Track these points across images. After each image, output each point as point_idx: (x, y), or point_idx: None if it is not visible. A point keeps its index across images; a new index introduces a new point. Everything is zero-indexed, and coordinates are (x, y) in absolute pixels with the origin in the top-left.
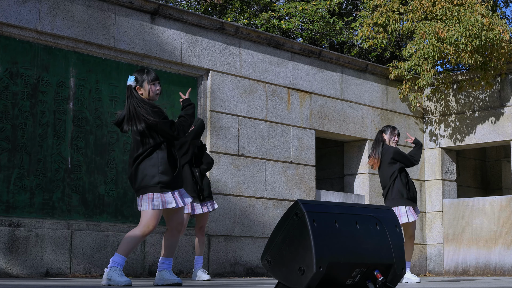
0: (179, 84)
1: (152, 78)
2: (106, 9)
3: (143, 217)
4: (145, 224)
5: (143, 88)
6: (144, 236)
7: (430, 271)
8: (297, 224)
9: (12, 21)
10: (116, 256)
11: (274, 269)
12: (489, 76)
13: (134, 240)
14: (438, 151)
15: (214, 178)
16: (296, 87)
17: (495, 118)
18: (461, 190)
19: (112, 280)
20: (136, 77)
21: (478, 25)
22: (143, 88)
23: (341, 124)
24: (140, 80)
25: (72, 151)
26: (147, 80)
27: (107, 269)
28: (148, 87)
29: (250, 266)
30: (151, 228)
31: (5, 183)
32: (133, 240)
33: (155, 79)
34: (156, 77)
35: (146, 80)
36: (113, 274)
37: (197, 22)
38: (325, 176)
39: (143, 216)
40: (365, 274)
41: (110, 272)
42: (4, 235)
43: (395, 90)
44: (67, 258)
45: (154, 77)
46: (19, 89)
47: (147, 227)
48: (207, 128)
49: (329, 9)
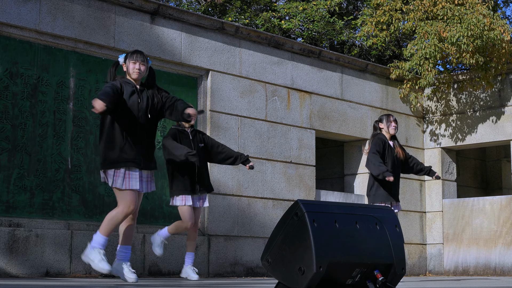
0: (179, 84)
1: (134, 57)
2: (106, 9)
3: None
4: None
5: (125, 65)
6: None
7: (430, 271)
8: (297, 224)
9: (12, 21)
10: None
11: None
12: (489, 76)
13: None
14: (438, 151)
15: (214, 178)
16: (296, 87)
17: (495, 118)
18: (461, 190)
19: (94, 263)
20: (125, 56)
21: (479, 25)
22: (125, 65)
23: (341, 124)
24: (126, 58)
25: (72, 151)
26: (129, 58)
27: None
28: (127, 64)
29: (250, 266)
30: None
31: (5, 183)
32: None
33: (137, 58)
34: (139, 57)
35: (129, 58)
36: (96, 256)
37: (197, 22)
38: (325, 176)
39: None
40: (365, 274)
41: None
42: (4, 235)
43: (395, 90)
44: (67, 258)
45: (136, 56)
46: (19, 89)
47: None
48: (207, 128)
49: (329, 9)
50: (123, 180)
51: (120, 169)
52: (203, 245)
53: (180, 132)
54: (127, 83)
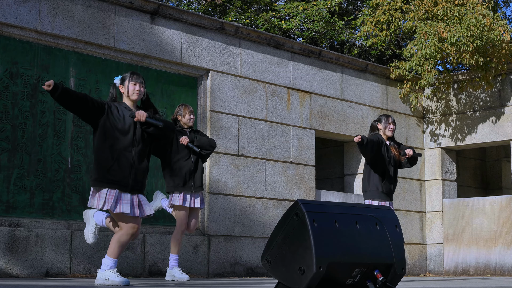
0: (179, 84)
1: (134, 78)
2: (106, 9)
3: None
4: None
5: (123, 86)
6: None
7: (430, 271)
8: (297, 224)
9: (12, 21)
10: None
11: (274, 269)
12: (489, 76)
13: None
14: (438, 151)
15: (214, 178)
16: (296, 87)
17: (495, 118)
18: (461, 190)
19: (110, 280)
20: (122, 77)
21: (479, 26)
22: (123, 86)
23: (341, 124)
24: (123, 79)
25: (72, 151)
26: (128, 79)
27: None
28: (127, 85)
29: (250, 266)
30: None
31: (5, 183)
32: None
33: (137, 80)
34: (139, 78)
35: (128, 79)
36: (111, 274)
37: (197, 22)
38: (325, 176)
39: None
40: (365, 274)
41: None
42: (4, 235)
43: (395, 90)
44: (67, 258)
45: (136, 77)
46: (19, 89)
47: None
48: (207, 128)
49: (329, 9)
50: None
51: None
52: (203, 245)
53: (179, 132)
54: (124, 108)
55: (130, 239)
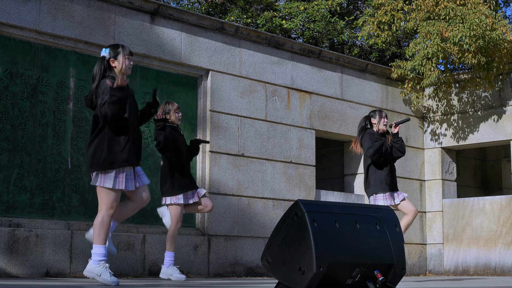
0: (179, 84)
1: (128, 53)
2: (106, 9)
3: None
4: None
5: (117, 61)
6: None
7: (430, 271)
8: (297, 224)
9: (12, 21)
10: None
11: (274, 269)
12: (491, 76)
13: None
14: (438, 151)
15: (214, 178)
16: (296, 87)
17: (495, 117)
18: (461, 190)
19: (101, 277)
20: (110, 50)
21: (482, 25)
22: (117, 61)
23: (341, 124)
24: (114, 53)
25: (72, 151)
26: (122, 54)
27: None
28: (123, 60)
29: (250, 266)
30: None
31: (5, 183)
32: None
33: (130, 54)
34: (130, 52)
35: (122, 54)
36: (103, 270)
37: (197, 22)
38: (325, 176)
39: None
40: (365, 274)
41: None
42: (4, 235)
43: (395, 90)
44: (67, 258)
45: (129, 52)
46: (19, 89)
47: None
48: (207, 128)
49: (330, 9)
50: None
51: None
52: (203, 245)
53: (174, 129)
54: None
55: (111, 219)
